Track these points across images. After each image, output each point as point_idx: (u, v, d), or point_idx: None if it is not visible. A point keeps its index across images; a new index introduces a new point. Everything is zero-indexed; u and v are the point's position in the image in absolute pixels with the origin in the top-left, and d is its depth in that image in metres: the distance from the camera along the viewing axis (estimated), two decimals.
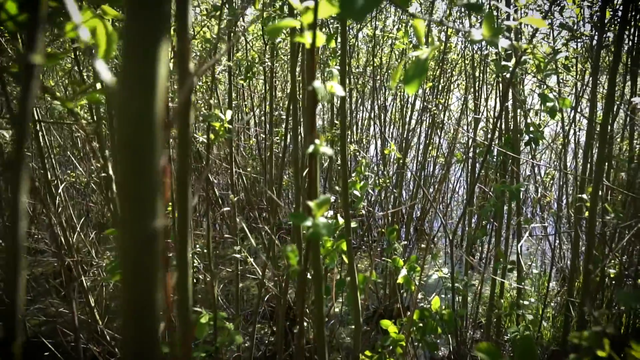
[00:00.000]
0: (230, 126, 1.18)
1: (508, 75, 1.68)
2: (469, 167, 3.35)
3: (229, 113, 1.16)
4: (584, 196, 1.67)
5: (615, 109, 3.25)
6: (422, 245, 4.78)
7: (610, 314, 2.58)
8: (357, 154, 3.70)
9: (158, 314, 0.33)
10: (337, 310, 3.90)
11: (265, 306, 3.79)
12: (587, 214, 1.72)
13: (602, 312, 2.18)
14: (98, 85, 0.94)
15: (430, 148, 4.28)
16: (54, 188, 2.84)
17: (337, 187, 2.29)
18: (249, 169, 4.56)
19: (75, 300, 2.63)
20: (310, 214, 0.71)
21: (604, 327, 0.71)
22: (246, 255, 2.19)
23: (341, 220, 1.56)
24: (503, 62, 1.56)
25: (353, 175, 2.02)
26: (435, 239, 5.23)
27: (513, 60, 1.53)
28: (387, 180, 2.64)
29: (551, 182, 4.65)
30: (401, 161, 3.64)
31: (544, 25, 0.89)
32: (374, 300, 4.03)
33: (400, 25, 3.74)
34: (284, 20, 0.65)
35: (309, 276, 1.43)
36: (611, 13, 2.50)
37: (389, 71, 4.09)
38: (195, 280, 3.89)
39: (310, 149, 0.65)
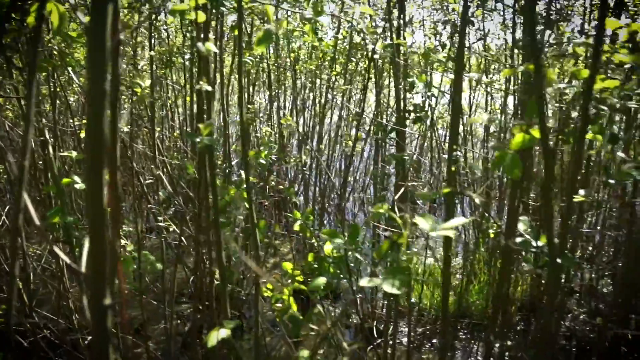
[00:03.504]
0: (155, 101, 1.56)
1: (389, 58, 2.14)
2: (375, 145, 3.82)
3: (148, 81, 1.54)
4: (444, 156, 2.15)
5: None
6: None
7: None
8: (268, 134, 4.12)
9: (106, 142, 0.72)
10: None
11: (192, 287, 4.12)
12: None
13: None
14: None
15: (346, 137, 4.76)
16: None
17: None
18: (174, 161, 4.87)
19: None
20: (199, 132, 1.11)
21: None
22: (169, 224, 2.55)
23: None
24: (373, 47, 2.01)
25: (262, 147, 2.43)
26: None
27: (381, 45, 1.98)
28: (299, 160, 3.08)
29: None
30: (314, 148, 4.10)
31: (373, 13, 1.33)
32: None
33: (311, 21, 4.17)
34: (180, 5, 1.05)
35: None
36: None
37: (305, 65, 4.55)
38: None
39: (198, 86, 1.05)
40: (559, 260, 1.22)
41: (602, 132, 1.38)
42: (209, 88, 1.04)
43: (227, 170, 2.77)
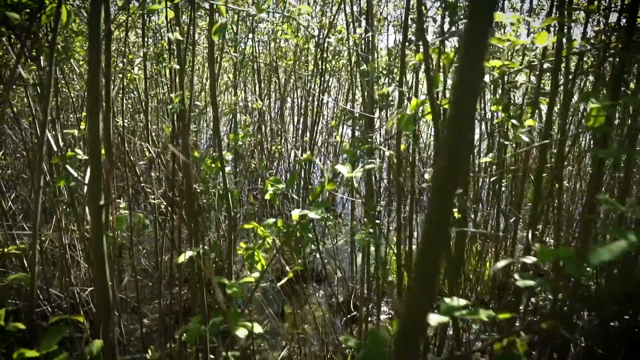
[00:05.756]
0: (151, 97, 1.96)
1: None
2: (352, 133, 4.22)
3: (136, 68, 1.94)
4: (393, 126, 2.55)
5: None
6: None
7: None
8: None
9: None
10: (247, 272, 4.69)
11: (185, 272, 4.51)
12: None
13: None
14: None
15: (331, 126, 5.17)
16: None
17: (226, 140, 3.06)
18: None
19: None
20: (172, 101, 1.52)
21: None
22: (160, 201, 2.95)
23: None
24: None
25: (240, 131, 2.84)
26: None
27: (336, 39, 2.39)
28: (282, 149, 3.48)
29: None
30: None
31: (309, 9, 1.73)
32: (278, 261, 4.85)
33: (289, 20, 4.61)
34: (155, 5, 1.45)
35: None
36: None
37: (286, 60, 4.98)
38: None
39: (170, 65, 1.46)
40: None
41: (499, 103, 1.78)
42: (177, 66, 1.45)
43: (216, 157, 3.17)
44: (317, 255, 4.98)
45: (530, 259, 1.32)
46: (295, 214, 1.57)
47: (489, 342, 1.37)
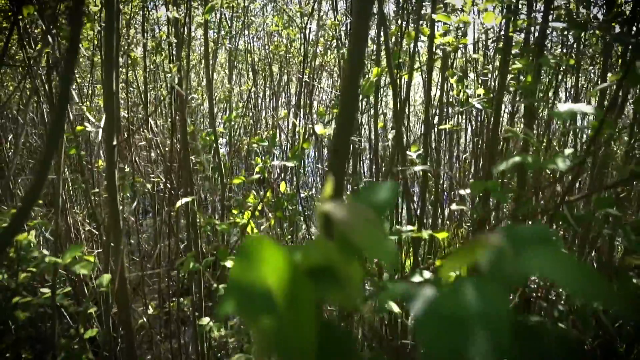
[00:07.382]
0: (149, 90, 2.27)
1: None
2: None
3: (139, 49, 2.24)
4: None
5: None
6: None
7: None
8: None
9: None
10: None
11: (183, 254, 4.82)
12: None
13: None
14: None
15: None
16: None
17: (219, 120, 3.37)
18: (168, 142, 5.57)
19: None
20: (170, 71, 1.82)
21: None
22: (159, 180, 3.25)
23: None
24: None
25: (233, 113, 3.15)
26: None
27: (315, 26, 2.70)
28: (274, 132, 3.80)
29: None
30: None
31: None
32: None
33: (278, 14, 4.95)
34: None
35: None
36: None
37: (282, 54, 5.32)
38: None
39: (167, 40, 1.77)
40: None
41: (454, 74, 2.09)
42: (175, 40, 1.76)
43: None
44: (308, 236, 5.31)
45: (464, 191, 1.62)
46: (275, 163, 1.88)
47: (431, 263, 1.68)
